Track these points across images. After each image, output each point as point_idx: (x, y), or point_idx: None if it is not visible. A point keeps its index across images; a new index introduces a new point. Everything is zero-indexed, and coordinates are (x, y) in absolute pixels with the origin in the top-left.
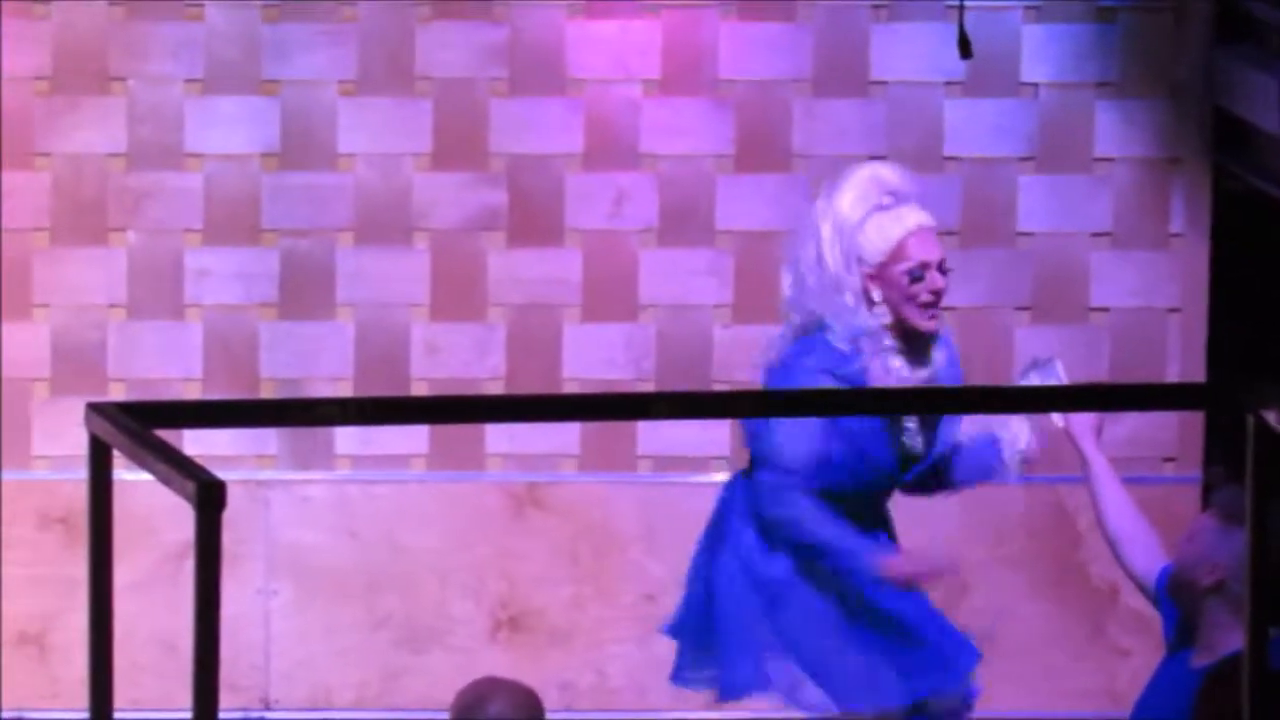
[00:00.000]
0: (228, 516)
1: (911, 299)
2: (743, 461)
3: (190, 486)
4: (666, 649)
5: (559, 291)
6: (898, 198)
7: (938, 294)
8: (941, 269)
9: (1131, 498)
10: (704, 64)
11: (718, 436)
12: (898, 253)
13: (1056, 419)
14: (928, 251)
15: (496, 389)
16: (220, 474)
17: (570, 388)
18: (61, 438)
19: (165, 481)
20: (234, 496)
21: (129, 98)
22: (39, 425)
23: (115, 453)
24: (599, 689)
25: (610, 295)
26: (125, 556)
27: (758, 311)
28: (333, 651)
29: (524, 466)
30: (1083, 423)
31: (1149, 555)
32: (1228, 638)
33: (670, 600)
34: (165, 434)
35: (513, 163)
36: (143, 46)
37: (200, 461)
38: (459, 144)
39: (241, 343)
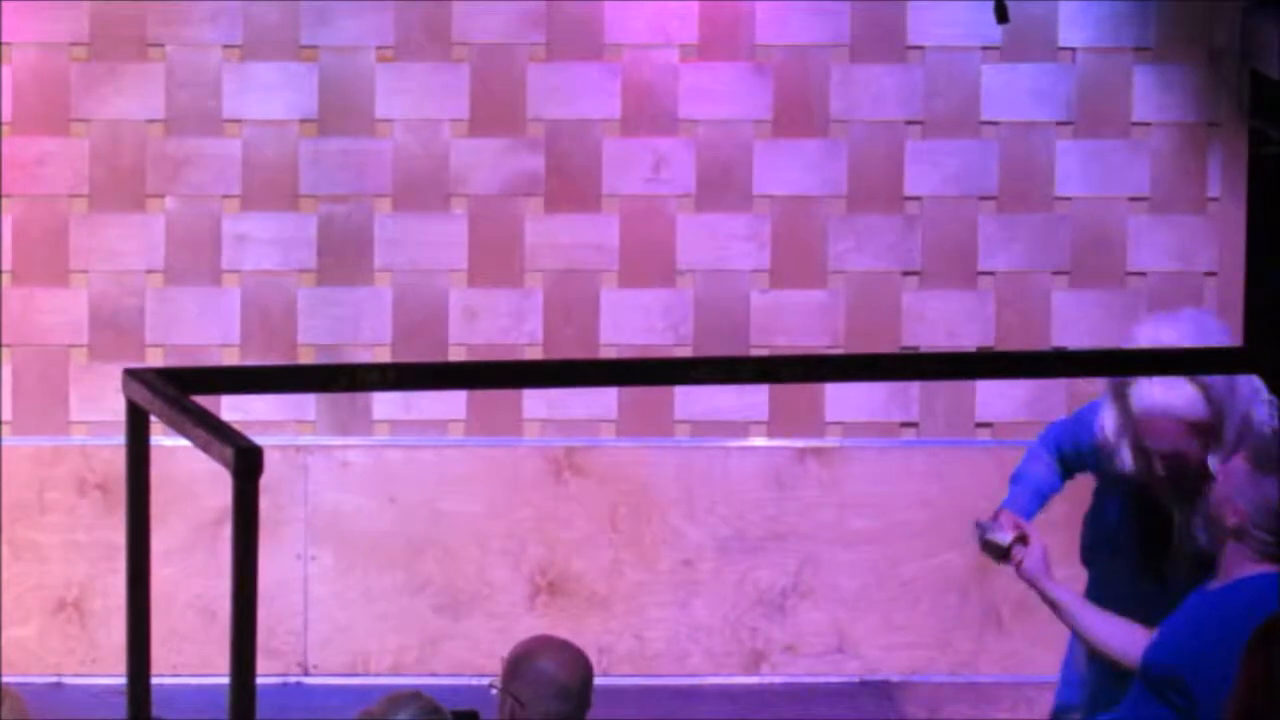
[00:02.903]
0: (266, 482)
1: None
2: None
3: (228, 452)
4: (705, 613)
5: (596, 257)
6: None
7: None
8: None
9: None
10: (742, 29)
11: (755, 401)
12: None
13: (1016, 559)
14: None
15: (534, 354)
16: (259, 440)
17: (608, 353)
18: (100, 403)
19: (203, 447)
20: (272, 462)
21: (167, 64)
22: (77, 391)
23: (153, 419)
24: (637, 654)
25: (648, 260)
26: (163, 522)
27: (795, 276)
28: (371, 617)
29: (562, 432)
30: (1036, 564)
31: (1135, 641)
32: (1241, 567)
33: (708, 565)
34: (203, 400)
35: (551, 128)
36: (181, 13)
37: (238, 427)
38: (497, 109)
39: (280, 308)
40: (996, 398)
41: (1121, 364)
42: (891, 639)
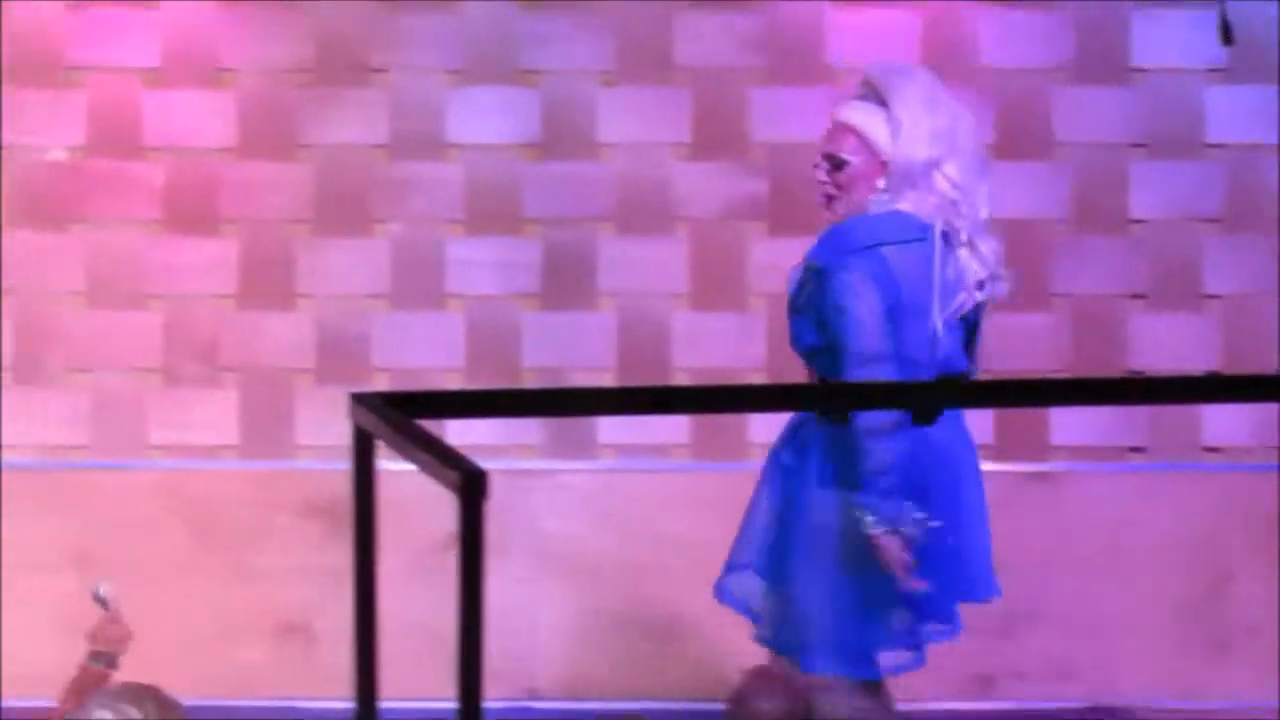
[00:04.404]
0: (490, 506)
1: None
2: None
3: (454, 476)
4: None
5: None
6: (863, 91)
7: (822, 185)
8: (834, 162)
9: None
10: (964, 52)
11: (980, 426)
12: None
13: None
14: (828, 143)
15: (758, 378)
16: (482, 464)
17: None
18: (325, 428)
19: (428, 471)
20: (496, 486)
21: (390, 89)
22: (302, 415)
23: (378, 442)
24: None
25: None
26: (389, 546)
27: (1019, 299)
28: (596, 641)
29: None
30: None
31: None
32: None
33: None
34: (428, 424)
35: (773, 151)
36: (403, 38)
37: (463, 451)
38: (718, 133)
39: (503, 333)
40: (1225, 421)
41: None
42: (1119, 665)
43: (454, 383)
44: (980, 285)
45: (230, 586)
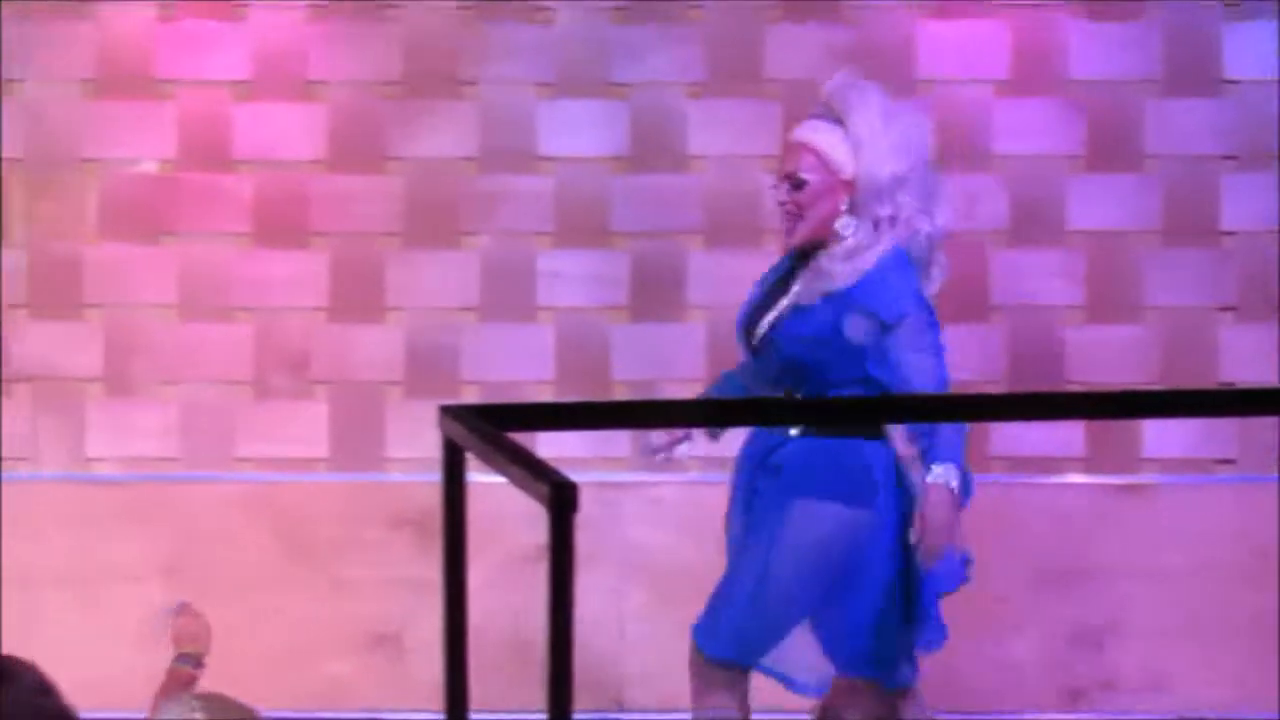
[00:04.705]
0: (579, 518)
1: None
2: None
3: (543, 489)
4: (1021, 650)
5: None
6: (819, 111)
7: (783, 205)
8: (793, 182)
9: None
10: (1054, 64)
11: (1071, 438)
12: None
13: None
14: (786, 163)
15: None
16: (572, 476)
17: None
18: (415, 440)
19: (518, 484)
20: (585, 499)
21: (480, 101)
22: (392, 428)
23: (468, 455)
24: (953, 690)
25: (963, 296)
26: (478, 558)
27: (1110, 312)
28: (683, 652)
29: None
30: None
31: None
32: None
33: (1024, 601)
34: (518, 436)
35: None
36: (493, 50)
37: (552, 464)
38: None
39: (593, 345)
40: None
41: None
42: (1209, 676)
43: (544, 395)
44: None
45: (320, 599)
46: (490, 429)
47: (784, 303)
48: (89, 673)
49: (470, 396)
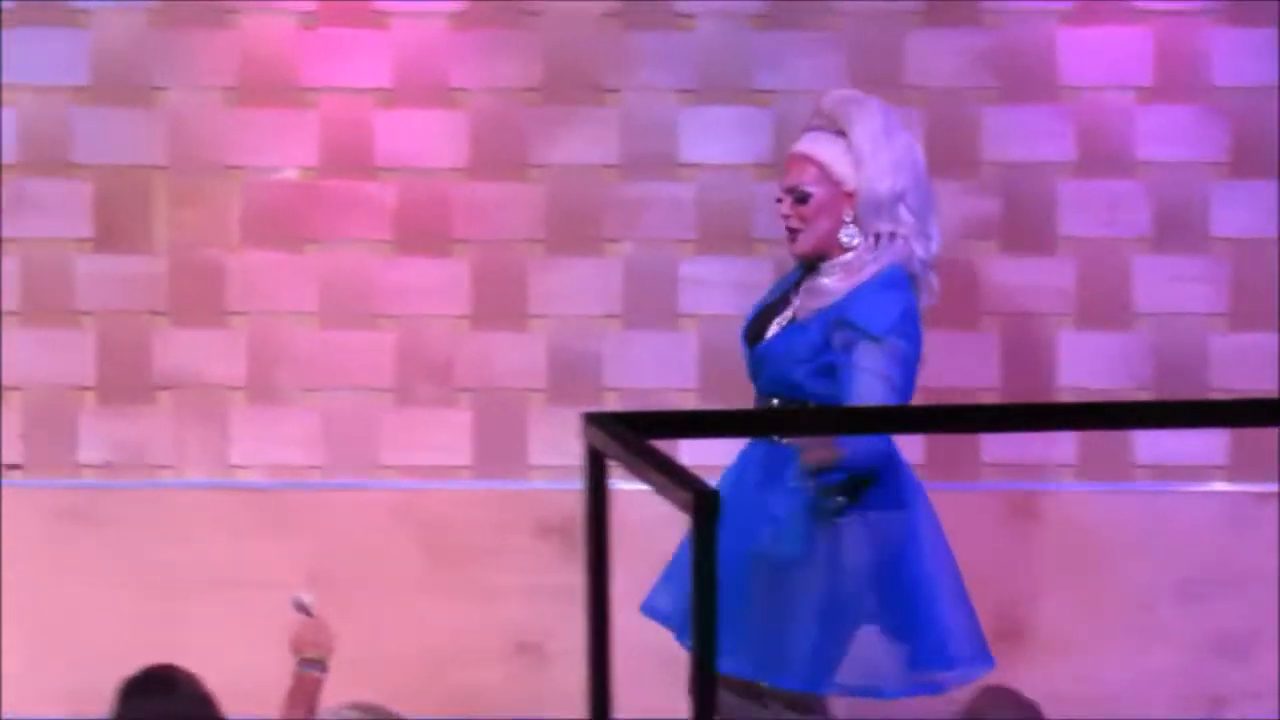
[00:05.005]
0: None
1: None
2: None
3: (686, 496)
4: (1165, 659)
5: (1052, 300)
6: (816, 122)
7: (786, 219)
8: (797, 195)
9: None
10: (1196, 69)
11: (1216, 445)
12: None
13: None
14: (789, 176)
15: (991, 398)
16: (715, 483)
17: (1065, 396)
18: (558, 447)
19: (661, 491)
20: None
21: (622, 108)
22: (535, 435)
23: (611, 462)
24: (1097, 700)
25: (1104, 303)
26: (621, 565)
27: (1254, 318)
28: None
29: (1020, 476)
30: None
31: None
32: None
33: (1168, 610)
34: (660, 443)
35: (1004, 171)
36: (635, 57)
37: (696, 471)
38: (950, 152)
39: (736, 352)
40: None
41: None
42: None
43: (687, 402)
44: None
45: (463, 606)
46: (633, 436)
47: (785, 314)
48: (234, 679)
49: (612, 404)
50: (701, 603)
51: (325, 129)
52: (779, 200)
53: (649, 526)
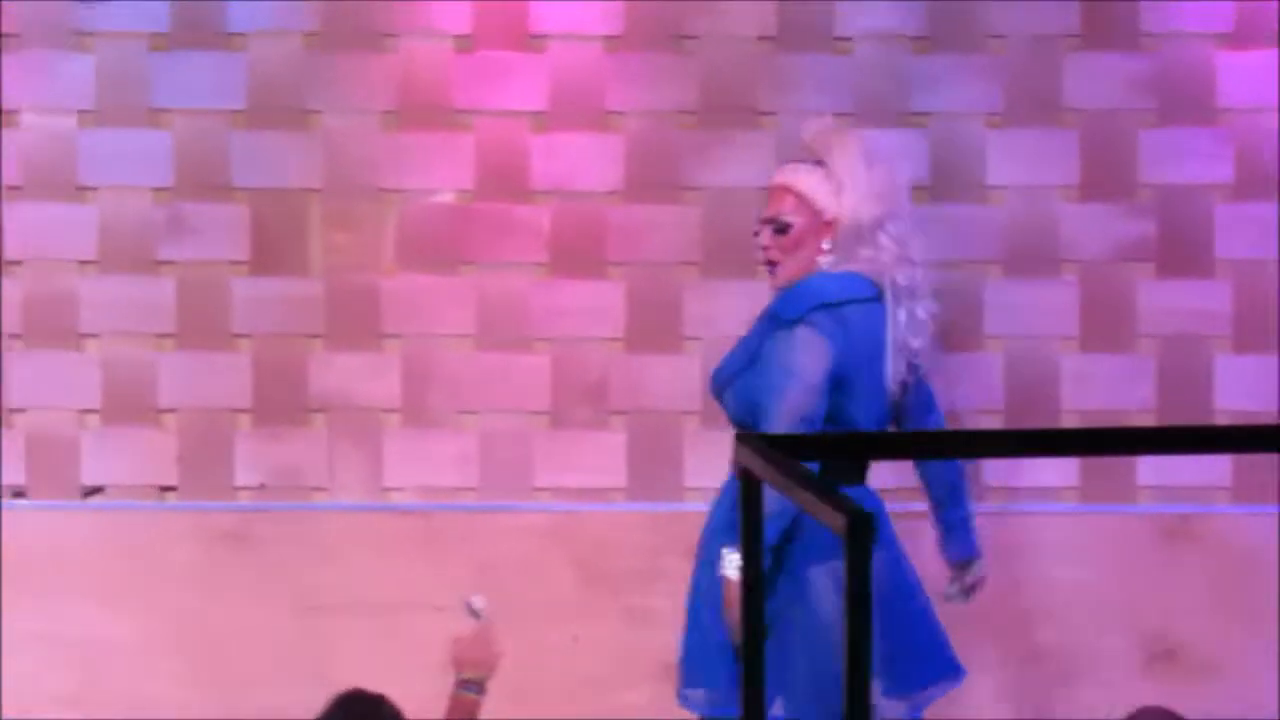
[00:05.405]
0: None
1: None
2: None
3: (840, 518)
4: None
5: (1209, 322)
6: (798, 155)
7: (766, 250)
8: (777, 226)
9: None
10: None
11: None
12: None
13: None
14: (768, 207)
15: (1146, 420)
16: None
17: (1221, 419)
18: (712, 470)
19: (814, 513)
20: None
21: (777, 131)
22: (690, 457)
23: (764, 484)
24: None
25: (1261, 326)
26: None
27: None
28: (987, 684)
29: (1175, 498)
30: None
31: None
32: None
33: None
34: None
35: (1161, 193)
36: (790, 80)
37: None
38: (1107, 175)
39: None
40: None
41: None
42: None
43: None
44: (914, 347)
45: (618, 628)
46: (785, 458)
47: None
48: None
49: None
50: (855, 624)
51: (480, 152)
52: (756, 233)
53: None
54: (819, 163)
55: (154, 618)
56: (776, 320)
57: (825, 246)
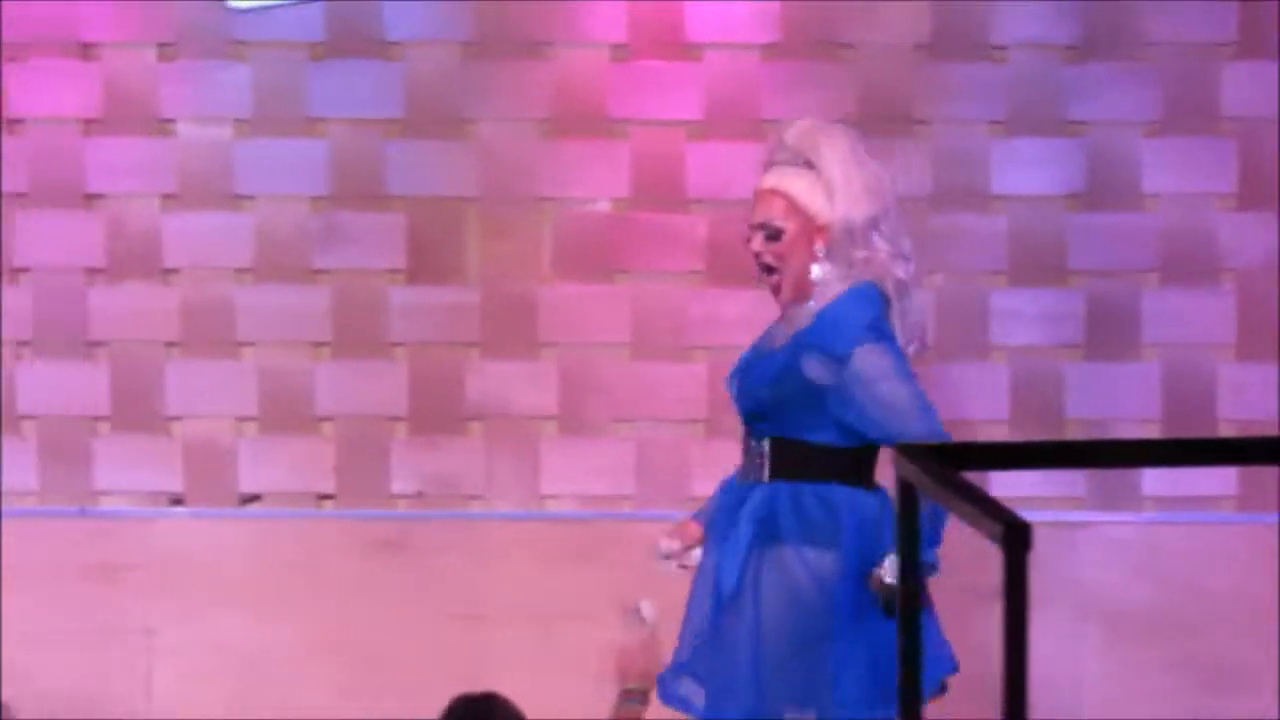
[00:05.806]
0: (1033, 557)
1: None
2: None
3: (997, 527)
4: None
5: None
6: (780, 156)
7: (758, 256)
8: (769, 232)
9: None
10: None
11: None
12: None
13: None
14: (757, 212)
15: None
16: (1026, 515)
17: None
18: None
19: (971, 522)
20: (1040, 537)
21: (933, 139)
22: None
23: (921, 493)
24: None
25: None
26: (933, 596)
27: None
28: (1141, 694)
29: None
30: None
31: None
32: None
33: None
34: (971, 475)
35: None
36: (946, 88)
37: (1006, 502)
38: (1265, 184)
39: (1047, 383)
40: None
41: None
42: None
43: (997, 434)
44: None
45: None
46: (944, 468)
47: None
48: (542, 710)
49: None
50: (1012, 636)
51: (636, 160)
52: (748, 239)
53: (958, 557)
54: (807, 164)
55: (310, 625)
56: (821, 351)
57: (819, 252)
